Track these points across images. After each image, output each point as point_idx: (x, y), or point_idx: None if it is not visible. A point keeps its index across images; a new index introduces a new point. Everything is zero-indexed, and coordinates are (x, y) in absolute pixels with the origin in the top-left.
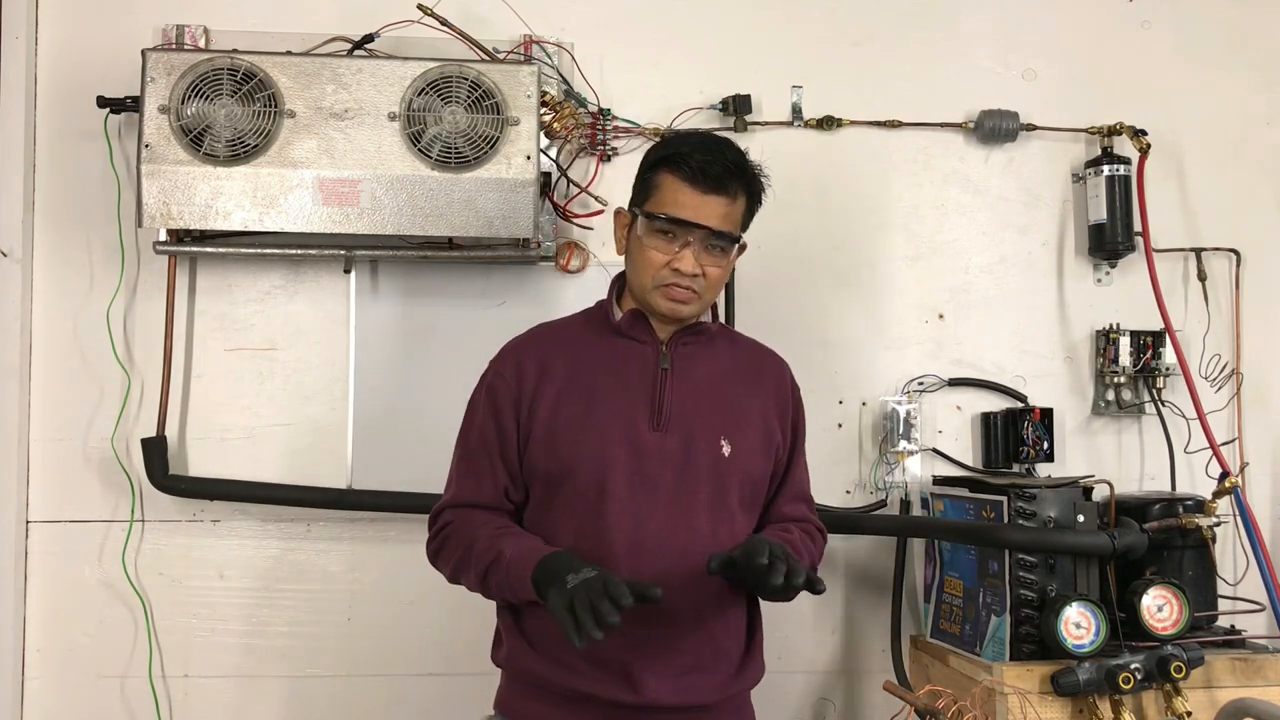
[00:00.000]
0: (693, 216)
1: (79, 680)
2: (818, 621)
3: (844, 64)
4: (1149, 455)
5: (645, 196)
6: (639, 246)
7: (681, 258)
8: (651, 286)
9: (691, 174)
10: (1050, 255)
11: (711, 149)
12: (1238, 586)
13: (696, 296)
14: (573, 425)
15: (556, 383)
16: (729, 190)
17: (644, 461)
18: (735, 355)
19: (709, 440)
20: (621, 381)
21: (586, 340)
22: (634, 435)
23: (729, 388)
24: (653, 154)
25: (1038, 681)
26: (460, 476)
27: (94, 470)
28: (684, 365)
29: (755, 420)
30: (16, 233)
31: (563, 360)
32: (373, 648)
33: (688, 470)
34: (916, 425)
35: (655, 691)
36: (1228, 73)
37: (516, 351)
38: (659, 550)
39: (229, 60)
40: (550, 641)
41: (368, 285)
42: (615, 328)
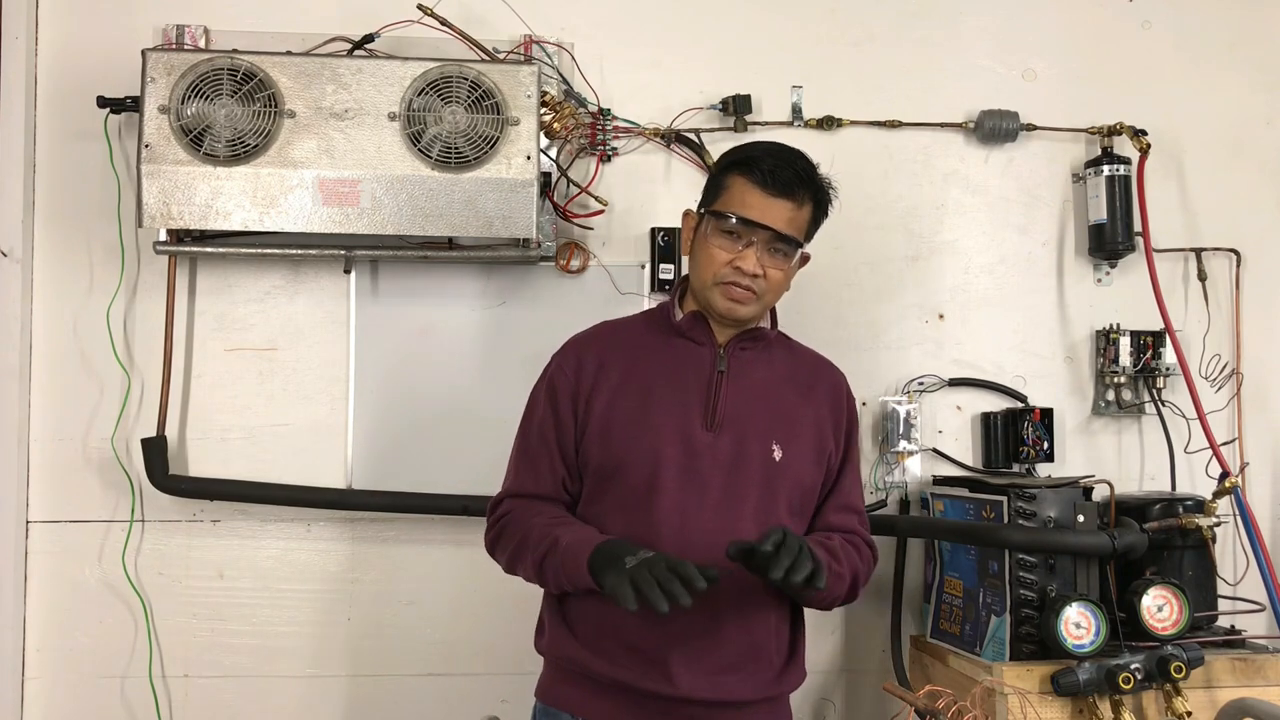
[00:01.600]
0: (758, 217)
1: (79, 680)
2: (818, 621)
3: (844, 64)
4: (1149, 455)
5: (714, 197)
6: (703, 244)
7: (744, 256)
8: (712, 283)
9: (761, 177)
10: (1050, 255)
11: (783, 156)
12: (1238, 586)
13: (755, 297)
14: (627, 421)
15: (614, 379)
16: (796, 196)
17: (695, 460)
18: (792, 363)
19: (760, 444)
20: (677, 381)
21: (646, 339)
22: (687, 434)
23: (784, 394)
24: (726, 158)
25: (1038, 681)
26: (519, 467)
27: (94, 470)
28: (740, 369)
29: (808, 428)
30: (16, 233)
31: (622, 357)
32: (373, 648)
33: (738, 472)
34: (916, 425)
35: (690, 685)
36: (1228, 73)
37: (578, 347)
38: (704, 548)
39: (229, 60)
40: (592, 630)
41: (368, 285)
42: (675, 328)
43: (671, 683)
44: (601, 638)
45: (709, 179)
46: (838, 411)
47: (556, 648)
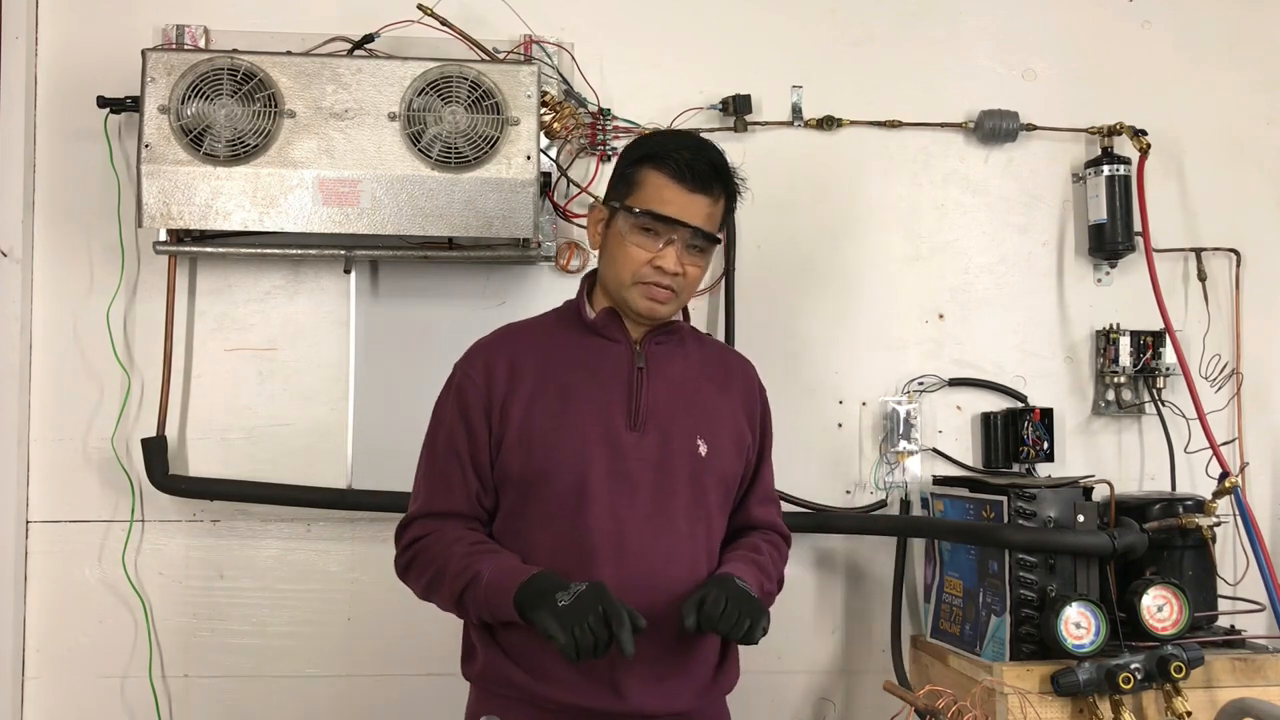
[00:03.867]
0: (678, 214)
1: (79, 680)
2: (818, 621)
3: (844, 64)
4: (1149, 455)
5: (626, 192)
6: (619, 243)
7: (664, 255)
8: (631, 283)
9: (678, 171)
10: (1050, 255)
11: (696, 148)
12: (1238, 586)
13: (674, 296)
14: (548, 426)
15: (528, 383)
16: (713, 190)
17: (623, 461)
18: (705, 356)
19: (686, 440)
20: (596, 380)
21: (558, 339)
22: (612, 435)
23: (702, 388)
24: (635, 150)
25: (1038, 681)
26: (430, 485)
27: (94, 470)
28: (658, 364)
29: (727, 421)
30: (16, 233)
31: (534, 360)
32: (373, 648)
33: (666, 470)
34: (916, 425)
35: (640, 698)
36: (1228, 73)
37: (485, 352)
38: (641, 552)
39: (229, 60)
40: (531, 652)
41: (368, 285)
42: (589, 326)
43: (621, 698)
44: (543, 659)
45: (616, 171)
46: (751, 402)
47: (493, 673)
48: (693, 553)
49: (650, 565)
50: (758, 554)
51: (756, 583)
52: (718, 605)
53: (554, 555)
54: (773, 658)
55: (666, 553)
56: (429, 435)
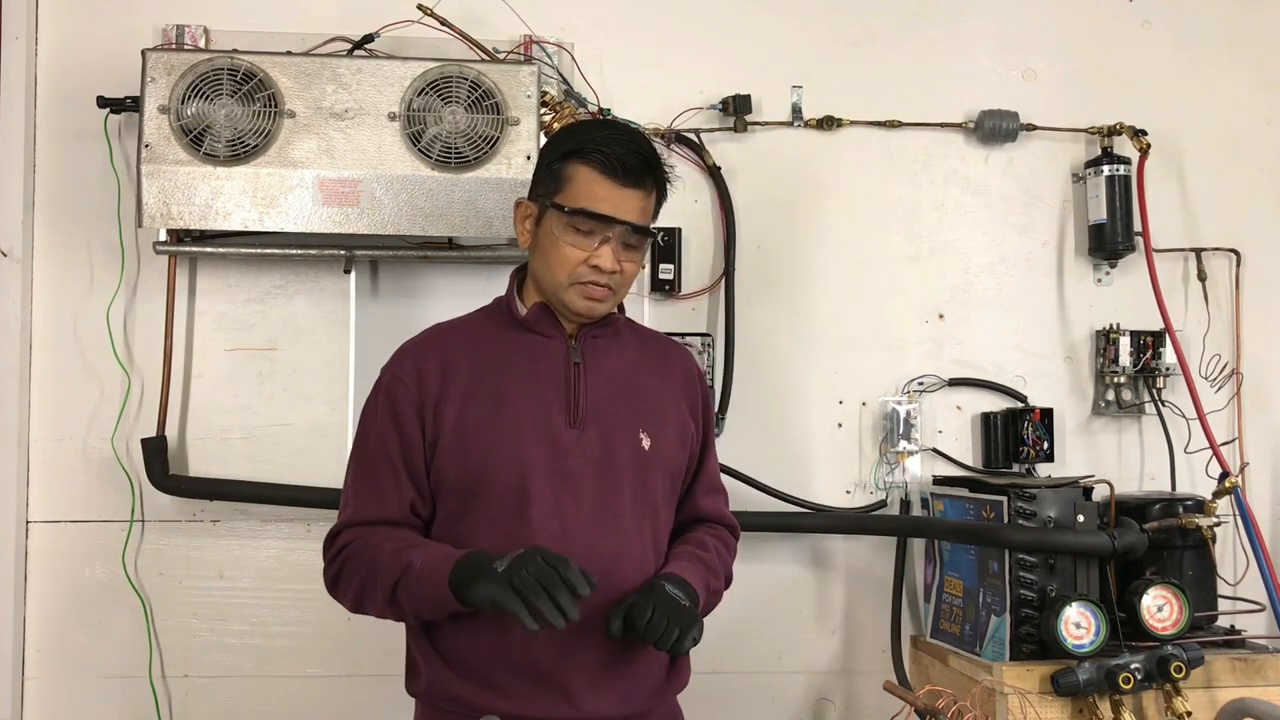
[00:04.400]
0: (612, 211)
1: (79, 680)
2: (818, 621)
3: (844, 64)
4: (1149, 455)
5: (557, 188)
6: (552, 242)
7: (600, 255)
8: (568, 284)
9: (610, 166)
10: (1050, 255)
11: (626, 141)
12: (1238, 586)
13: (612, 293)
14: (485, 428)
15: (462, 384)
16: (645, 184)
17: (564, 460)
18: (642, 347)
19: (628, 434)
20: (532, 378)
21: (489, 337)
22: (552, 434)
23: (642, 380)
24: (561, 143)
25: (1038, 681)
26: (360, 492)
27: (94, 470)
28: (595, 359)
29: (670, 411)
30: (16, 233)
31: (466, 359)
32: (373, 648)
33: (609, 467)
34: (916, 425)
35: (594, 704)
36: (1228, 73)
37: (415, 353)
38: (588, 553)
39: (229, 60)
40: (478, 663)
41: (368, 285)
42: (521, 322)
43: (574, 705)
44: (492, 670)
45: (542, 165)
46: (692, 391)
47: (439, 689)
48: (640, 550)
49: (598, 565)
50: (703, 550)
51: (702, 582)
52: (643, 614)
53: None
54: (773, 658)
55: (614, 552)
56: (358, 441)
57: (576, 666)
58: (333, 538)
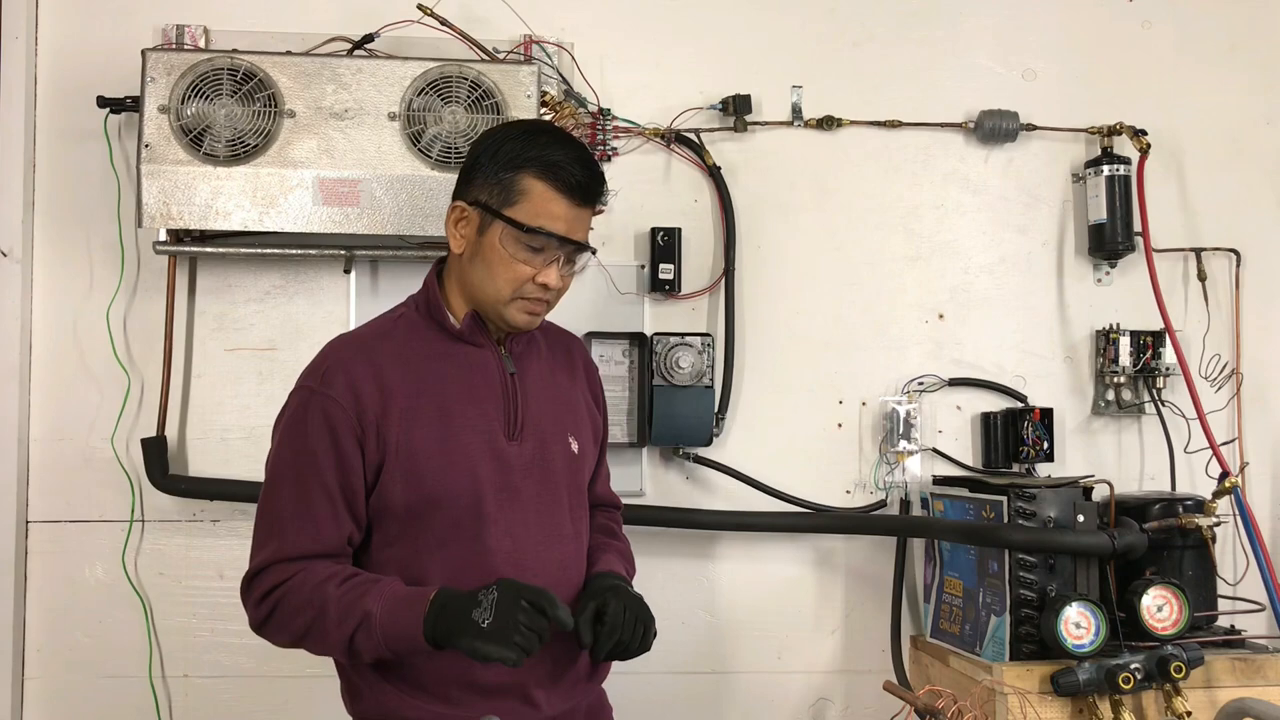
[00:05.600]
0: (568, 232)
1: (79, 680)
2: (818, 621)
3: (844, 64)
4: (1149, 455)
5: (507, 200)
6: (500, 257)
7: (548, 273)
8: (510, 299)
9: (568, 186)
10: (1050, 255)
11: (580, 159)
12: (1238, 586)
13: (549, 307)
14: (434, 449)
15: (400, 401)
16: (595, 202)
17: (508, 476)
18: (550, 346)
19: (560, 442)
20: (471, 392)
21: (420, 348)
22: (496, 449)
23: (559, 382)
24: (514, 152)
25: (1038, 681)
26: (289, 524)
27: (94, 470)
28: (524, 367)
29: (583, 409)
30: (16, 233)
31: (401, 376)
32: None
33: (547, 476)
34: (916, 425)
35: (552, 703)
36: (1228, 73)
37: (344, 370)
38: (538, 565)
39: (229, 60)
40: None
41: (368, 285)
42: (454, 333)
43: (535, 707)
44: (447, 690)
45: (488, 171)
46: (593, 382)
47: (390, 710)
48: (578, 551)
49: (547, 575)
50: (618, 540)
51: (627, 573)
52: (619, 617)
53: (452, 581)
54: (772, 657)
55: (559, 559)
56: (279, 465)
57: (538, 673)
58: (254, 577)
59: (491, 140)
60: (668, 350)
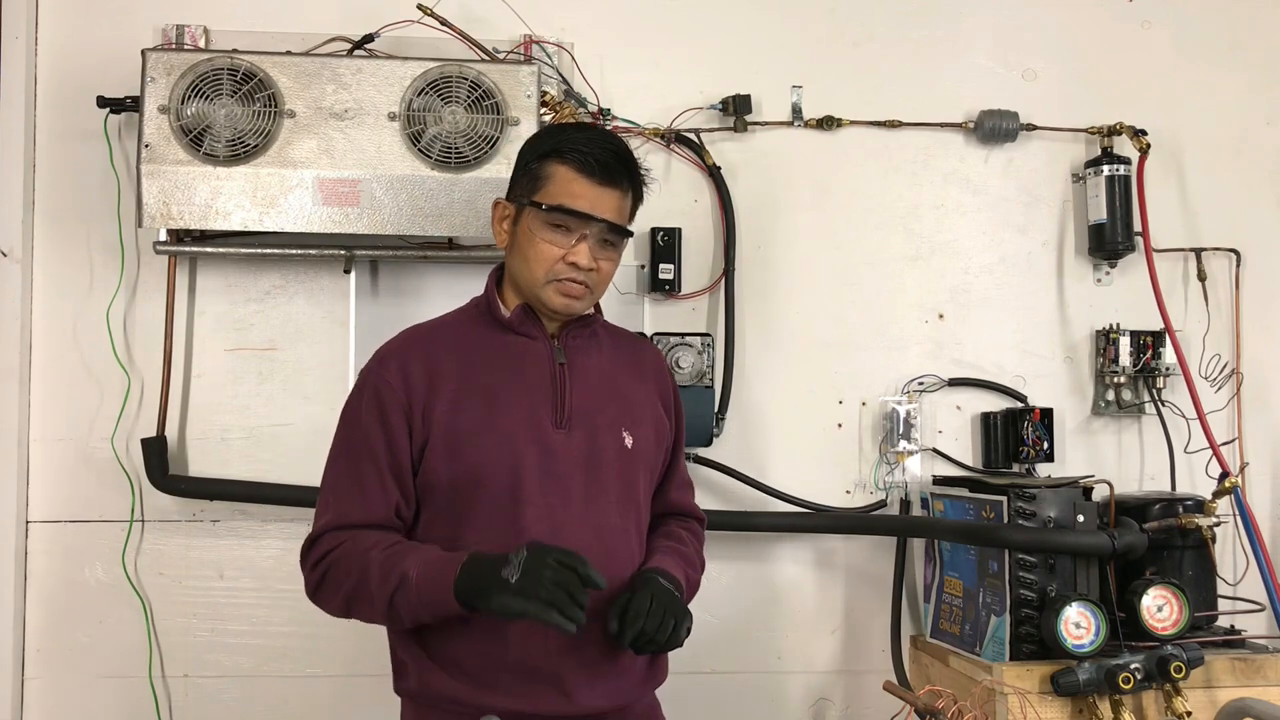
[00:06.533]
0: (589, 209)
1: (79, 680)
2: (818, 621)
3: (844, 64)
4: (1149, 455)
5: (534, 187)
6: (530, 240)
7: (577, 252)
8: (545, 281)
9: (586, 165)
10: (1050, 255)
11: (602, 141)
12: (1238, 586)
13: (589, 291)
14: (476, 429)
15: (450, 385)
16: (621, 183)
17: (553, 462)
18: (617, 347)
19: (612, 434)
20: (520, 380)
21: (474, 338)
22: (541, 435)
23: (621, 379)
24: (539, 144)
25: (1038, 681)
26: (342, 496)
27: (94, 470)
28: (578, 359)
29: (647, 409)
30: (16, 233)
31: (453, 361)
32: (373, 648)
33: (595, 466)
34: (916, 425)
35: (588, 697)
36: (1228, 73)
37: (399, 356)
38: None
39: (229, 60)
40: (472, 662)
41: (368, 285)
42: (505, 324)
43: (570, 699)
44: (485, 670)
45: (519, 166)
46: (664, 388)
47: (431, 688)
48: (627, 546)
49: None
50: (681, 544)
51: (683, 574)
52: (643, 607)
53: None
54: (772, 658)
55: (603, 549)
56: (338, 443)
57: (572, 662)
58: (312, 543)
59: (528, 140)
60: (668, 350)
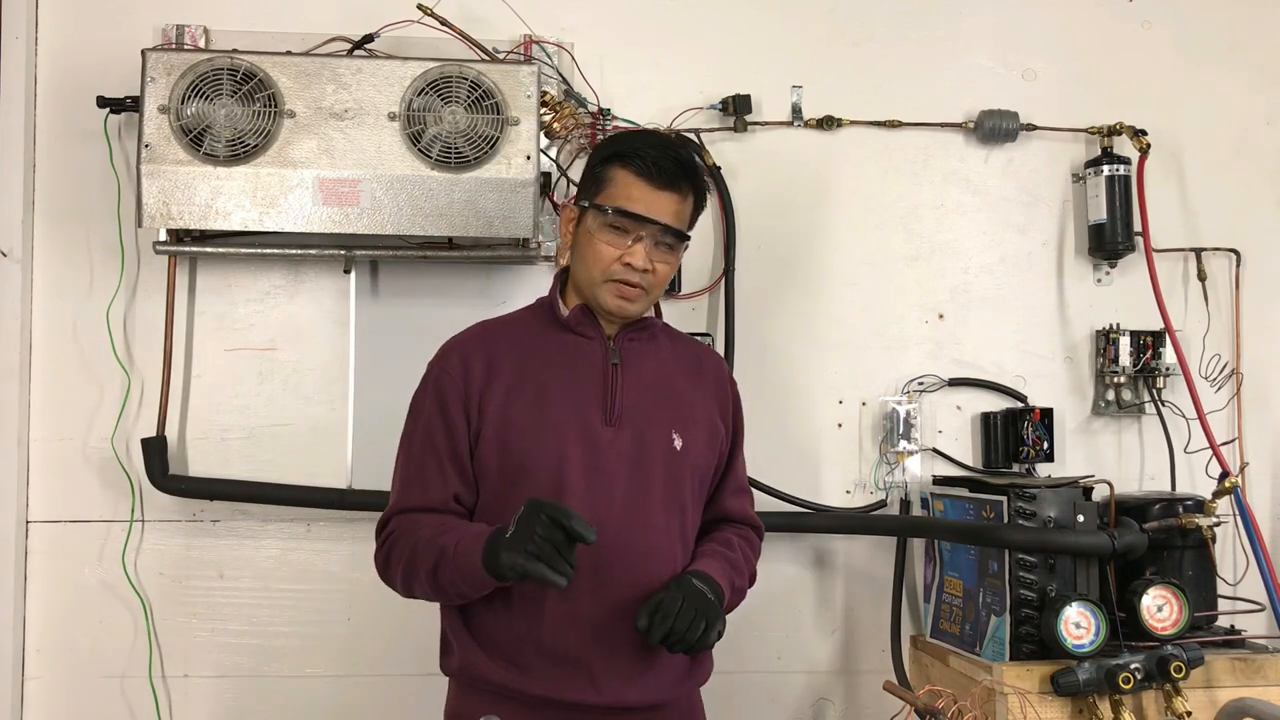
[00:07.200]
0: (645, 211)
1: (79, 680)
2: (818, 621)
3: (844, 64)
4: (1149, 455)
5: (596, 191)
6: (589, 240)
7: (633, 253)
8: (601, 281)
9: (645, 169)
10: (1050, 255)
11: (664, 146)
12: (1238, 586)
13: (644, 293)
14: (526, 422)
15: (505, 379)
16: (680, 188)
17: (599, 458)
18: (677, 351)
19: (661, 435)
20: (572, 377)
21: (533, 336)
22: (588, 432)
23: (676, 382)
24: (604, 149)
25: (1038, 681)
26: (406, 481)
27: (94, 470)
28: (632, 360)
29: (701, 414)
30: (16, 233)
31: (510, 356)
32: (373, 648)
33: (641, 465)
34: (916, 425)
35: (617, 691)
36: (1228, 73)
37: (461, 349)
38: (619, 548)
39: (229, 60)
40: (509, 645)
41: (368, 285)
42: (563, 323)
43: (597, 690)
44: (520, 653)
45: (587, 171)
46: (723, 395)
47: (470, 668)
48: (669, 547)
49: (627, 561)
50: (730, 550)
51: (727, 579)
52: (674, 605)
53: None
54: (773, 658)
55: (644, 548)
56: (406, 432)
57: (604, 653)
58: (381, 526)
59: (596, 145)
60: None
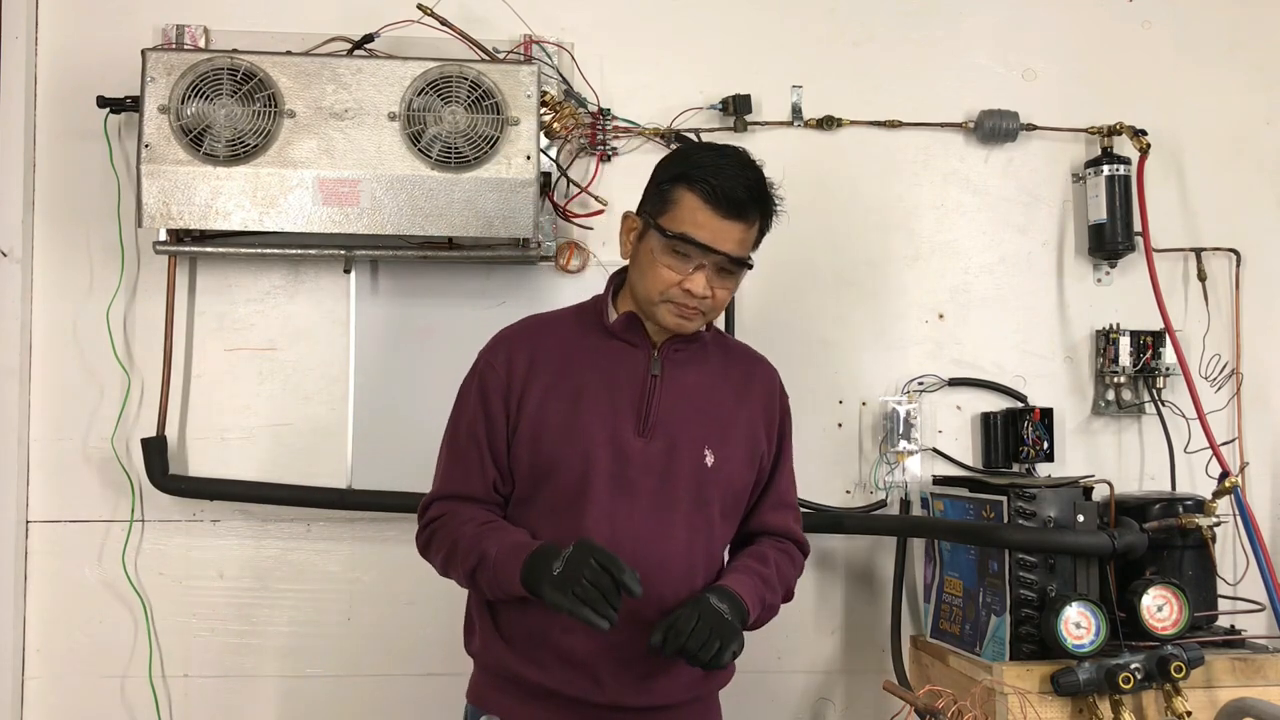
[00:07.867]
0: (710, 241)
1: (79, 680)
2: (818, 621)
3: (844, 64)
4: (1149, 455)
5: (661, 209)
6: (650, 260)
7: (694, 280)
8: (659, 301)
9: (714, 197)
10: (1050, 255)
11: (735, 172)
12: (1238, 586)
13: (702, 315)
14: (558, 425)
15: (544, 378)
16: (748, 216)
17: (626, 467)
18: (726, 363)
19: (692, 449)
20: (610, 384)
21: (578, 338)
22: (618, 440)
23: (717, 397)
24: (674, 165)
25: (1038, 681)
26: (449, 467)
27: (94, 470)
28: (674, 372)
29: (741, 430)
30: (16, 233)
31: (553, 357)
32: (373, 648)
33: (669, 478)
34: (916, 425)
35: (617, 691)
36: (1228, 73)
37: (509, 343)
38: (635, 557)
39: (229, 60)
40: (524, 637)
41: (368, 285)
42: (609, 329)
43: (600, 689)
44: (533, 646)
45: (654, 182)
46: (771, 410)
47: (487, 653)
48: (689, 563)
49: (643, 573)
50: (763, 564)
51: (756, 596)
52: (689, 623)
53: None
54: (773, 658)
55: (661, 561)
56: (452, 418)
57: (609, 655)
58: (425, 506)
59: (666, 155)
60: None
